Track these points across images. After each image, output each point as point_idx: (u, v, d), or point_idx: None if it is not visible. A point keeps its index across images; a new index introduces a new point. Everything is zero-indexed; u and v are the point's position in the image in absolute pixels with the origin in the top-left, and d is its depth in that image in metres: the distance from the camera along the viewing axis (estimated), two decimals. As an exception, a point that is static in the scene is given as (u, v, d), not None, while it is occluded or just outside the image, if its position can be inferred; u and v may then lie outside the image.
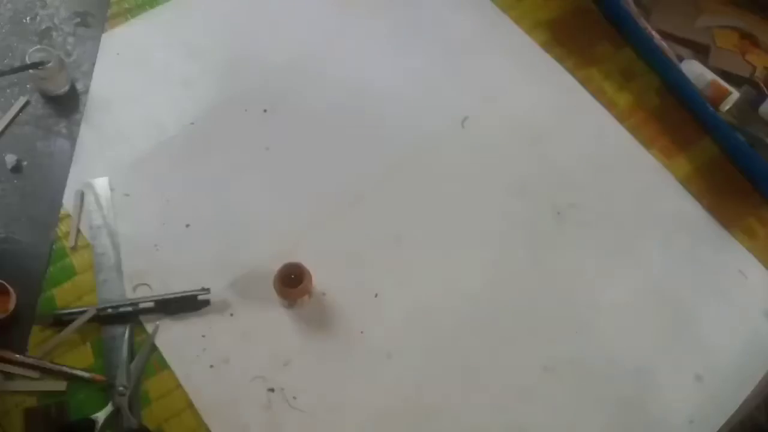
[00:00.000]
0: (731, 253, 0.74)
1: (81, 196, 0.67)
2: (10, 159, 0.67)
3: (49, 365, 0.58)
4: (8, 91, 0.72)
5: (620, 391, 0.64)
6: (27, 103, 0.71)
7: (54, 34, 0.77)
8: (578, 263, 0.70)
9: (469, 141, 0.76)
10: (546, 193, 0.74)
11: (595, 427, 0.62)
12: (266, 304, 0.63)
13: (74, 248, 0.64)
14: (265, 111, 0.74)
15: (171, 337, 0.61)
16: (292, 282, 0.61)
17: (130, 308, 0.61)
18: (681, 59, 0.85)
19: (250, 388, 0.59)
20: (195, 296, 0.62)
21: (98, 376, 0.58)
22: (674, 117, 0.83)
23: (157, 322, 0.61)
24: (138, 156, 0.70)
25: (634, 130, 0.80)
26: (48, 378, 0.58)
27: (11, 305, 0.59)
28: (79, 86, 0.74)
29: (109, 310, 0.60)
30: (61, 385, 0.57)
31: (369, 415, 0.60)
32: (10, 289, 0.59)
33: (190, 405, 0.58)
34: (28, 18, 0.77)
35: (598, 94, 0.82)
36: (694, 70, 0.84)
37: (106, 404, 0.57)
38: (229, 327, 0.62)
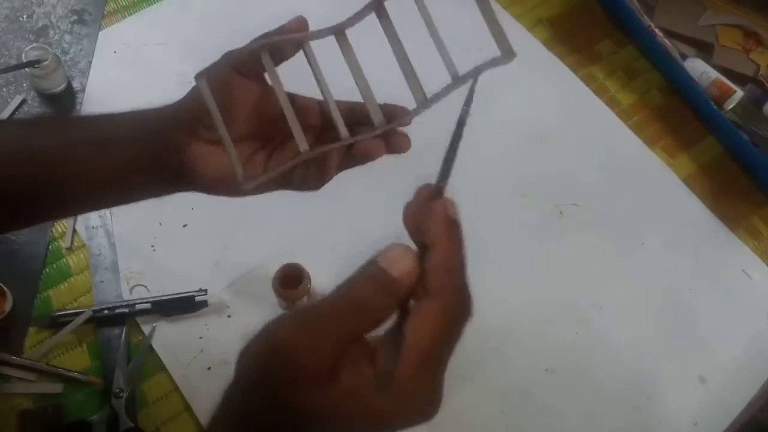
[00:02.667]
0: (735, 253, 0.74)
1: (77, 196, 0.66)
2: (6, 158, 0.67)
3: (45, 367, 0.57)
4: (4, 89, 0.71)
5: (622, 393, 0.63)
6: (23, 102, 0.71)
7: (50, 32, 0.76)
8: (580, 263, 0.70)
9: (470, 140, 0.75)
10: (548, 192, 0.73)
11: (597, 429, 0.62)
12: (264, 305, 0.62)
13: (70, 249, 0.64)
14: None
15: (168, 339, 0.60)
16: (291, 283, 0.60)
17: (126, 309, 0.60)
18: (684, 57, 0.85)
19: (249, 391, 0.59)
20: (192, 297, 0.61)
21: (94, 379, 0.57)
22: (678, 116, 0.82)
23: (154, 324, 0.61)
24: (135, 155, 0.70)
25: (636, 129, 0.80)
26: (44, 380, 0.57)
27: (7, 306, 0.58)
28: (76, 84, 0.73)
29: (106, 312, 0.60)
30: (57, 388, 0.57)
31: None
32: (6, 290, 0.59)
33: (188, 407, 0.58)
34: (24, 16, 0.76)
35: (600, 93, 0.82)
36: (698, 68, 0.83)
37: (103, 407, 0.56)
38: (227, 328, 0.61)
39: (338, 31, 0.39)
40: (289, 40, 0.38)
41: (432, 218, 0.28)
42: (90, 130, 0.42)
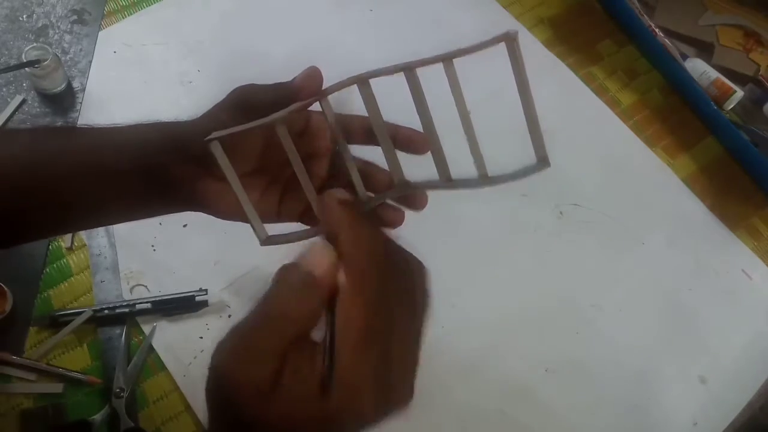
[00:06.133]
0: (735, 254, 0.74)
1: (78, 196, 0.66)
2: (6, 158, 0.67)
3: (45, 367, 0.57)
4: (4, 89, 0.71)
5: (623, 393, 0.64)
6: (23, 102, 0.71)
7: (50, 31, 0.76)
8: (580, 263, 0.70)
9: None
10: (548, 192, 0.73)
11: (597, 429, 0.62)
12: (265, 305, 0.62)
13: (71, 249, 0.64)
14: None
15: (168, 339, 0.60)
16: (290, 283, 0.60)
17: (126, 309, 0.60)
18: (684, 57, 0.85)
19: (249, 391, 0.59)
20: (192, 297, 0.61)
21: (94, 378, 0.57)
22: (678, 116, 0.82)
23: (154, 324, 0.61)
24: (135, 155, 0.69)
25: (637, 129, 0.80)
26: (45, 380, 0.57)
27: (7, 306, 0.58)
28: (76, 84, 0.73)
29: (106, 312, 0.60)
30: (57, 387, 0.57)
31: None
32: (6, 290, 0.59)
33: (188, 407, 0.58)
34: (24, 16, 0.76)
35: (600, 93, 0.82)
36: (698, 68, 0.83)
37: (103, 406, 0.56)
38: (227, 328, 0.61)
39: (360, 81, 0.34)
40: (306, 105, 0.35)
41: (326, 209, 0.28)
42: (92, 157, 0.39)
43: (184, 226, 0.66)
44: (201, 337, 0.61)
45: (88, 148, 0.40)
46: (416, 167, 0.37)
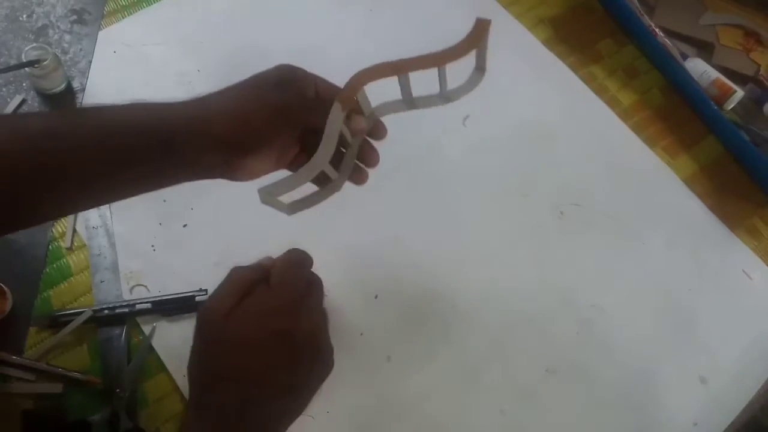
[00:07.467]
0: (735, 254, 0.74)
1: (77, 196, 0.66)
2: (6, 158, 0.67)
3: (45, 367, 0.57)
4: (4, 89, 0.71)
5: (623, 393, 0.64)
6: (23, 102, 0.71)
7: (50, 31, 0.76)
8: (580, 263, 0.70)
9: (470, 139, 0.75)
10: (548, 192, 0.73)
11: (597, 429, 0.62)
12: (265, 305, 0.62)
13: (71, 249, 0.64)
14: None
15: (168, 339, 0.60)
16: (290, 283, 0.60)
17: (126, 309, 0.60)
18: (685, 57, 0.85)
19: (249, 391, 0.59)
20: (192, 297, 0.61)
21: (94, 378, 0.57)
22: (678, 115, 0.82)
23: (154, 324, 0.61)
24: (135, 155, 0.69)
25: (637, 129, 0.80)
26: (44, 380, 0.57)
27: (7, 306, 0.58)
28: (76, 84, 0.73)
29: (106, 312, 0.60)
30: (57, 387, 0.57)
31: (369, 417, 0.59)
32: (6, 290, 0.59)
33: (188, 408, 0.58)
34: (24, 15, 0.76)
35: (600, 92, 0.82)
36: (698, 68, 0.83)
37: (103, 406, 0.56)
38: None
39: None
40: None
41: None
42: (112, 139, 0.43)
43: (184, 226, 0.66)
44: (201, 337, 0.60)
45: (109, 128, 0.44)
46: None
